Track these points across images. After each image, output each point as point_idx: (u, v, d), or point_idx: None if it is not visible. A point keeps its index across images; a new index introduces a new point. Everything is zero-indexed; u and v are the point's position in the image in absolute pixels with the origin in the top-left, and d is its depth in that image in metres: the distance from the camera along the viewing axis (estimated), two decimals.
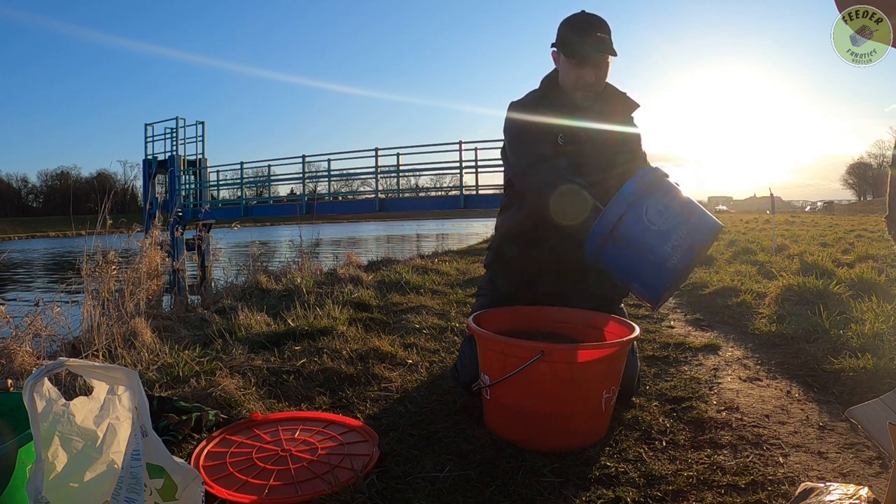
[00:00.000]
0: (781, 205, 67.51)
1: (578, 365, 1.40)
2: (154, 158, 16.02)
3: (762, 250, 6.65)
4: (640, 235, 1.43)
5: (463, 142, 13.17)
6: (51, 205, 76.71)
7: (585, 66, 1.72)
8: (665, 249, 1.42)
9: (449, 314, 3.20)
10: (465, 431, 1.49)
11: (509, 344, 1.42)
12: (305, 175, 15.71)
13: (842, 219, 25.22)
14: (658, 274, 1.44)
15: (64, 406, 0.95)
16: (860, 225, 15.81)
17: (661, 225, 1.43)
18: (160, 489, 0.95)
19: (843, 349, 2.18)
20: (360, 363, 2.11)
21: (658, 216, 1.43)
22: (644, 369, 2.07)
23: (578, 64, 1.73)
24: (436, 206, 15.50)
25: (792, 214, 36.43)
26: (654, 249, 1.43)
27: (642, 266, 1.46)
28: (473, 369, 1.73)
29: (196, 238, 10.62)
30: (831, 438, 1.50)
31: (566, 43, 1.74)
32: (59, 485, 0.91)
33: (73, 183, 74.91)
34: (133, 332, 2.92)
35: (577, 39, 1.72)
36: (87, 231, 3.80)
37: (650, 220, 1.43)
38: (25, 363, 2.47)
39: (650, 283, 1.47)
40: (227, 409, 1.66)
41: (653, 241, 1.43)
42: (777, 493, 1.20)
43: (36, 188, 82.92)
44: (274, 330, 2.63)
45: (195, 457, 1.34)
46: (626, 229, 1.44)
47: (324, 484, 1.22)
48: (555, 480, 1.24)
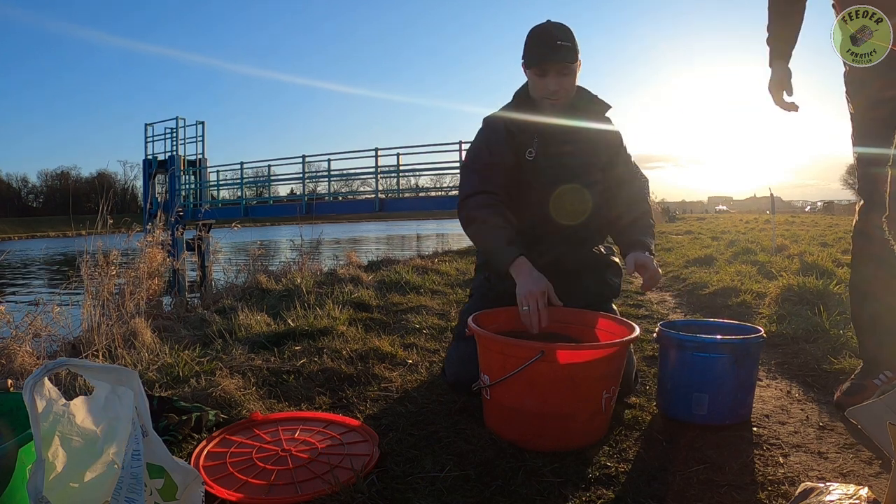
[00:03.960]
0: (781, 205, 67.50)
1: (578, 365, 1.40)
2: (154, 158, 16.04)
3: (762, 250, 6.65)
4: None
5: (463, 142, 13.17)
6: (51, 205, 76.70)
7: (548, 76, 1.75)
8: None
9: (449, 314, 3.20)
10: (465, 431, 1.49)
11: (509, 344, 1.42)
12: (305, 175, 15.71)
13: (842, 219, 25.18)
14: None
15: (64, 406, 0.95)
16: None
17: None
18: (160, 489, 0.95)
19: (843, 349, 2.18)
20: (360, 363, 2.11)
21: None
22: (644, 369, 2.07)
23: (541, 73, 1.76)
24: (436, 206, 15.50)
25: (792, 214, 36.42)
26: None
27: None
28: (460, 369, 1.73)
29: (196, 238, 10.61)
30: (831, 438, 1.50)
31: (528, 53, 1.77)
32: (60, 485, 0.91)
33: (73, 183, 74.90)
34: (133, 332, 2.92)
35: (538, 49, 1.74)
36: (87, 231, 3.80)
37: None
38: (25, 363, 2.47)
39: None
40: (227, 409, 1.66)
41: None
42: (777, 493, 1.20)
43: (36, 188, 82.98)
44: (274, 330, 2.63)
45: (195, 457, 1.34)
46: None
47: (324, 484, 1.22)
48: (555, 480, 1.24)
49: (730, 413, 1.57)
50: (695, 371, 1.57)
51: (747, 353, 1.56)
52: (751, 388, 1.62)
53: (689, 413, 1.58)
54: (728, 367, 1.54)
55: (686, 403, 1.58)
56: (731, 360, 1.54)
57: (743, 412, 1.60)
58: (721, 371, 1.55)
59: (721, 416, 1.56)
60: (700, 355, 1.57)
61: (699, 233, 12.74)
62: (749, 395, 1.62)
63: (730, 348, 1.55)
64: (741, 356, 1.55)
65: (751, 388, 1.62)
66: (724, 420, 1.57)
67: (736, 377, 1.55)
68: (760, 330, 1.64)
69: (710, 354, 1.56)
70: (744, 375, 1.56)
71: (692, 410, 1.57)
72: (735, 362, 1.54)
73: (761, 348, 1.64)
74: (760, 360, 2.19)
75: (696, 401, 1.56)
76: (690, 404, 1.57)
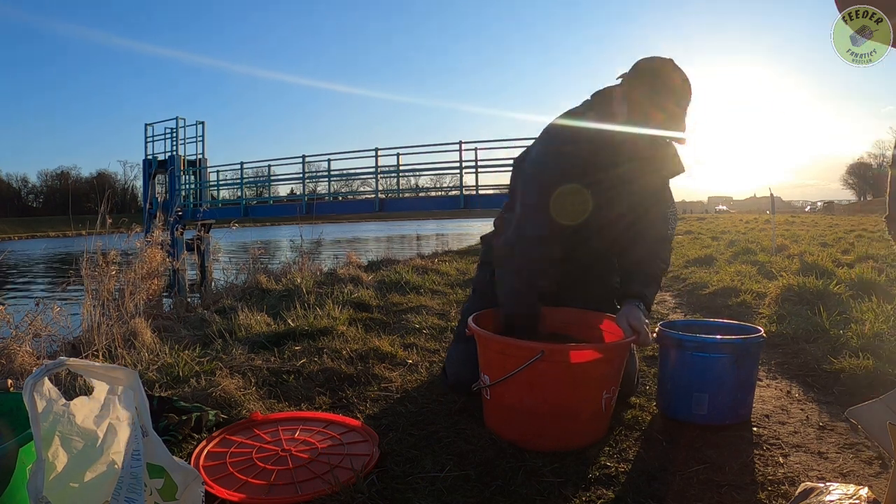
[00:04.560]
0: (781, 205, 67.54)
1: (578, 365, 1.40)
2: (154, 158, 16.03)
3: (762, 250, 6.65)
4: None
5: (463, 142, 13.17)
6: (51, 205, 76.65)
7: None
8: None
9: (449, 314, 3.20)
10: (465, 431, 1.49)
11: (509, 344, 1.42)
12: (305, 175, 15.70)
13: (842, 219, 25.22)
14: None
15: (64, 406, 0.95)
16: (860, 225, 15.81)
17: None
18: (160, 489, 0.95)
19: (843, 349, 2.18)
20: (360, 363, 2.11)
21: None
22: (644, 369, 2.07)
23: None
24: (436, 206, 15.50)
25: (792, 214, 36.42)
26: None
27: None
28: (461, 369, 1.73)
29: (196, 238, 10.62)
30: (831, 438, 1.50)
31: (637, 101, 1.59)
32: (60, 485, 0.91)
33: (73, 183, 74.89)
34: (133, 332, 2.92)
35: (649, 105, 1.57)
36: (87, 231, 3.80)
37: None
38: (25, 363, 2.47)
39: None
40: (227, 409, 1.66)
41: None
42: (777, 493, 1.20)
43: (36, 188, 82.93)
44: (274, 330, 2.63)
45: (195, 457, 1.34)
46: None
47: (324, 484, 1.22)
48: (555, 480, 1.24)
49: (730, 413, 1.57)
50: (695, 371, 1.57)
51: (747, 353, 1.56)
52: (751, 388, 1.62)
53: (689, 413, 1.58)
54: (728, 367, 1.54)
55: (686, 403, 1.58)
56: (731, 360, 1.54)
57: (743, 412, 1.60)
58: (721, 371, 1.55)
59: (721, 416, 1.56)
60: (700, 355, 1.57)
61: (699, 233, 12.73)
62: (749, 395, 1.62)
63: (730, 348, 1.55)
64: (741, 356, 1.55)
65: (751, 388, 1.62)
66: (724, 420, 1.57)
67: (736, 377, 1.55)
68: (760, 330, 1.64)
69: (710, 354, 1.56)
70: (744, 375, 1.56)
71: (692, 410, 1.57)
72: (735, 362, 1.54)
73: (761, 348, 1.64)
74: (760, 360, 2.19)
75: (696, 401, 1.56)
76: (690, 404, 1.57)
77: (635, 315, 1.57)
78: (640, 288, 1.68)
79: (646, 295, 1.67)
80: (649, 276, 1.71)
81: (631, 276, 1.73)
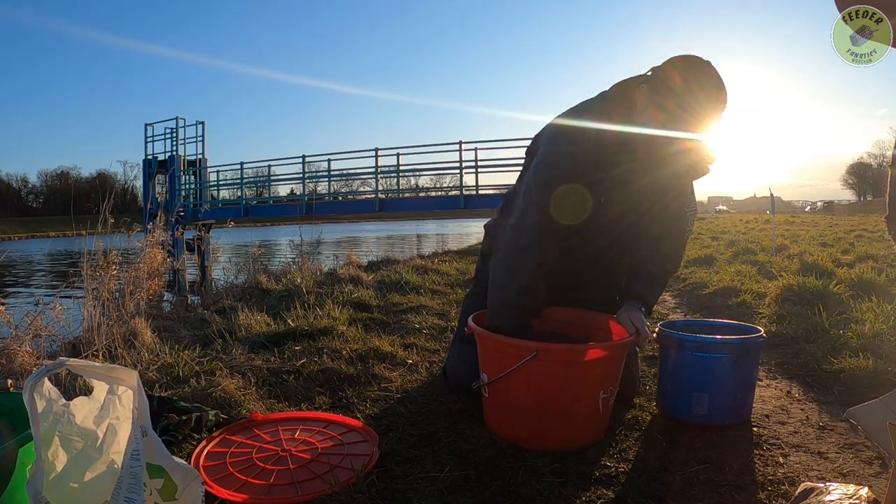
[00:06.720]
0: (781, 205, 67.51)
1: (574, 365, 1.40)
2: (154, 158, 16.04)
3: (762, 250, 6.65)
4: None
5: (463, 142, 13.18)
6: (51, 205, 76.57)
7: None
8: None
9: (449, 314, 3.20)
10: (465, 431, 1.49)
11: (505, 342, 1.42)
12: (305, 175, 15.71)
13: (842, 219, 25.22)
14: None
15: (64, 406, 0.95)
16: (860, 225, 15.81)
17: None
18: (160, 489, 0.95)
19: (843, 349, 2.18)
20: (360, 363, 2.11)
21: None
22: (644, 369, 2.07)
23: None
24: (436, 206, 15.51)
25: (792, 214, 36.44)
26: None
27: None
28: (461, 369, 1.73)
29: (196, 238, 10.61)
30: (831, 438, 1.50)
31: (663, 105, 1.53)
32: (59, 485, 0.91)
33: (73, 183, 74.82)
34: (133, 332, 2.92)
35: (679, 110, 1.52)
36: (87, 231, 3.80)
37: None
38: (25, 363, 2.47)
39: None
40: (227, 409, 1.66)
41: None
42: (777, 493, 1.20)
43: (36, 188, 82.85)
44: (274, 330, 2.63)
45: (195, 457, 1.34)
46: None
47: (324, 484, 1.22)
48: (555, 480, 1.24)
49: (730, 413, 1.57)
50: (695, 371, 1.57)
51: (747, 353, 1.56)
52: (751, 388, 1.62)
53: (689, 413, 1.58)
54: (728, 367, 1.54)
55: (686, 403, 1.58)
56: (731, 360, 1.54)
57: (743, 412, 1.60)
58: (721, 371, 1.55)
59: (721, 416, 1.56)
60: (700, 355, 1.57)
61: (699, 233, 12.73)
62: (749, 395, 1.62)
63: (730, 348, 1.55)
64: (741, 356, 1.55)
65: (751, 388, 1.62)
66: (724, 420, 1.57)
67: (736, 377, 1.55)
68: (760, 330, 1.64)
69: (710, 354, 1.56)
70: (744, 375, 1.56)
71: (692, 410, 1.57)
72: (735, 362, 1.54)
73: (761, 348, 1.64)
74: (760, 360, 2.19)
75: (696, 401, 1.56)
76: (690, 404, 1.57)
77: (634, 315, 1.58)
78: (641, 288, 1.68)
79: (647, 295, 1.67)
80: (652, 276, 1.71)
81: (634, 276, 1.72)
